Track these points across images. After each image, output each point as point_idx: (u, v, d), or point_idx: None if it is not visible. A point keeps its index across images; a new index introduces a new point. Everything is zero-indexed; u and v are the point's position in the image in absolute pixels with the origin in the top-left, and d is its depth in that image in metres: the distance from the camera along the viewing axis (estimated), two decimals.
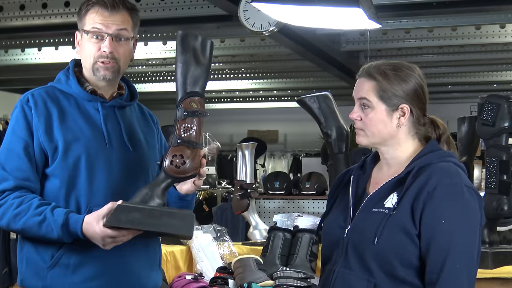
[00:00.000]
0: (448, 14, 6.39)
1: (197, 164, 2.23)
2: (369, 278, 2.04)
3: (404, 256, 2.02)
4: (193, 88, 2.24)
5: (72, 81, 2.36)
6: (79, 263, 2.24)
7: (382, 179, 2.15)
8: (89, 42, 2.33)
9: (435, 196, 2.00)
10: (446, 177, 2.04)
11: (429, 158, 2.09)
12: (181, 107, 2.23)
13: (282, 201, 6.96)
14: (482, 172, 6.37)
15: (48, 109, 2.29)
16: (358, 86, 2.17)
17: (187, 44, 2.25)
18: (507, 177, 3.53)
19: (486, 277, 3.42)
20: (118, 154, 2.31)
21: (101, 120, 2.33)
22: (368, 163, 2.24)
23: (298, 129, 13.65)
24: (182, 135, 2.22)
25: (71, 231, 2.18)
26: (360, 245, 2.07)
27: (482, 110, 3.56)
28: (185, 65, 2.23)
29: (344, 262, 2.10)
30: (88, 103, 2.35)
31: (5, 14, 6.36)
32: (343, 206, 2.20)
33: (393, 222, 2.03)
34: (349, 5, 2.97)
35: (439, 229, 1.99)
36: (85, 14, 2.34)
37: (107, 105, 2.36)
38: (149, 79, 11.11)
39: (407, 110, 2.13)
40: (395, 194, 2.07)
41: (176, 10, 6.05)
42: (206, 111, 2.27)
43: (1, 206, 2.23)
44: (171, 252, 3.73)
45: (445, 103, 13.50)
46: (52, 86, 2.38)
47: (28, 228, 2.20)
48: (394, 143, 2.15)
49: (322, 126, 4.01)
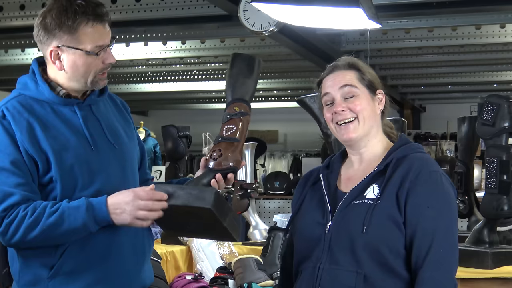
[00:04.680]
0: (448, 14, 6.40)
1: (236, 157, 2.31)
2: (357, 270, 2.04)
3: (393, 244, 2.04)
4: (237, 96, 2.40)
5: (43, 87, 2.25)
6: (80, 270, 2.21)
7: (354, 175, 2.18)
8: (89, 59, 2.22)
9: (418, 184, 2.06)
10: (426, 165, 2.10)
11: (406, 150, 2.15)
12: (225, 112, 2.37)
13: (282, 201, 6.98)
14: (482, 172, 6.38)
15: (27, 121, 2.18)
16: (339, 76, 2.18)
17: (235, 61, 2.47)
18: (507, 177, 3.53)
19: (486, 277, 3.42)
20: (105, 155, 2.27)
21: (82, 123, 2.25)
22: (335, 162, 2.28)
23: (298, 129, 13.66)
24: (223, 135, 2.34)
25: (97, 212, 2.12)
26: (348, 237, 2.07)
27: (482, 110, 3.56)
28: (231, 78, 2.43)
29: (328, 258, 2.10)
30: (63, 107, 2.26)
31: (5, 14, 6.36)
32: (317, 204, 2.20)
33: (379, 211, 2.05)
34: (349, 5, 2.97)
35: (424, 215, 2.04)
36: (76, 30, 2.20)
37: (83, 105, 2.29)
38: (149, 79, 11.11)
39: (383, 95, 2.21)
40: (375, 185, 2.10)
41: (176, 10, 6.06)
42: (247, 112, 2.39)
43: (13, 222, 2.12)
44: (171, 252, 3.73)
45: (445, 103, 13.52)
46: (22, 94, 2.25)
47: (48, 229, 2.11)
48: (375, 133, 2.20)
49: (322, 126, 4.01)
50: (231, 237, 2.29)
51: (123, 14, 6.16)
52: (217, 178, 2.28)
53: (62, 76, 2.27)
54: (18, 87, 2.29)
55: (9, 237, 2.14)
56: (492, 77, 10.66)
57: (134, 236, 2.32)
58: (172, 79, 10.97)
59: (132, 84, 11.79)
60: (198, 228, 2.32)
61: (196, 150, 7.00)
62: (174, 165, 5.37)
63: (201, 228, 2.33)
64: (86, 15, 2.20)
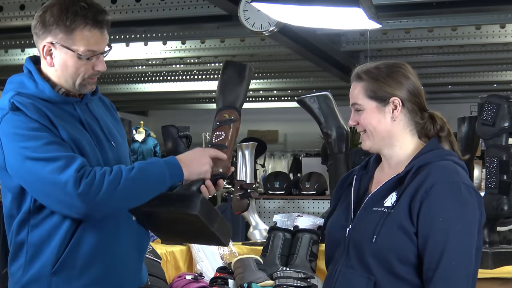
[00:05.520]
0: (448, 14, 6.40)
1: (225, 163, 2.34)
2: (369, 276, 2.05)
3: (402, 254, 2.02)
4: (226, 103, 2.44)
5: (44, 85, 2.23)
6: (83, 267, 2.21)
7: (383, 179, 2.16)
8: (79, 62, 2.21)
9: (432, 194, 2.01)
10: (444, 175, 2.04)
11: (428, 157, 2.09)
12: (215, 119, 2.42)
13: (282, 201, 6.97)
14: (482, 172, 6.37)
15: (41, 110, 2.17)
16: (350, 92, 2.21)
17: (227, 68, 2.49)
18: (507, 177, 3.53)
19: (486, 277, 3.42)
20: (105, 153, 2.29)
21: (83, 121, 2.26)
22: (371, 163, 2.26)
23: (298, 129, 13.67)
24: (213, 141, 2.39)
25: (171, 164, 2.20)
26: (360, 243, 2.08)
27: (482, 110, 3.57)
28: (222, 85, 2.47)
29: (345, 261, 2.12)
30: (64, 105, 2.25)
31: (5, 14, 6.36)
32: (345, 206, 2.22)
33: (391, 220, 2.04)
34: (349, 5, 2.98)
35: (435, 227, 1.99)
36: (73, 31, 2.19)
37: (81, 104, 2.29)
38: (149, 79, 11.11)
39: (399, 102, 2.14)
40: (394, 193, 2.08)
41: (176, 10, 6.06)
42: (237, 118, 2.42)
43: (93, 180, 2.08)
44: (171, 252, 3.73)
45: (445, 103, 13.50)
46: (20, 93, 2.20)
47: (131, 183, 2.12)
48: (393, 141, 2.16)
49: (322, 126, 4.01)
50: (220, 241, 2.34)
51: (123, 14, 6.16)
52: (206, 184, 2.31)
53: (52, 73, 2.26)
54: (12, 86, 2.25)
55: (92, 196, 2.08)
56: (492, 77, 10.66)
57: (135, 234, 2.33)
58: (172, 79, 10.97)
59: (132, 84, 11.79)
60: (190, 233, 2.38)
61: None
62: None
63: (192, 234, 2.39)
64: (86, 19, 2.19)
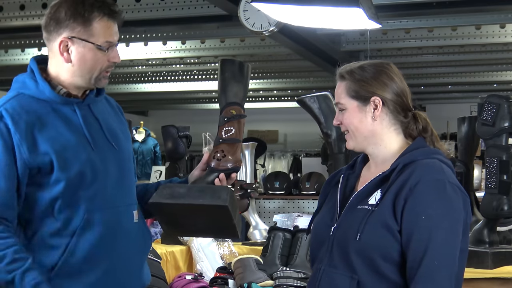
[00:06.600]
0: (448, 14, 6.40)
1: (238, 157, 2.42)
2: (352, 275, 2.04)
3: (386, 252, 2.01)
4: (231, 100, 2.51)
5: (44, 86, 2.24)
6: (83, 270, 2.21)
7: (369, 178, 2.15)
8: (98, 54, 2.24)
9: (416, 192, 2.00)
10: (429, 173, 2.03)
11: (414, 155, 2.09)
12: (222, 115, 2.48)
13: (282, 201, 6.97)
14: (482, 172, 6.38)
15: (26, 122, 2.17)
16: (335, 91, 2.23)
17: (226, 66, 2.56)
18: (507, 177, 3.54)
19: (486, 277, 3.43)
20: (105, 154, 2.27)
21: (82, 123, 2.25)
22: (359, 162, 2.26)
23: (298, 129, 13.66)
24: (223, 136, 2.46)
25: None
26: (344, 242, 2.08)
27: (482, 110, 3.57)
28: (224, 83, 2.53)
29: (329, 260, 2.11)
30: (63, 106, 2.25)
31: (5, 14, 6.36)
32: (331, 205, 2.21)
33: (374, 218, 2.03)
34: (349, 5, 2.97)
35: (419, 225, 1.98)
36: (90, 23, 2.22)
37: (83, 105, 2.29)
38: (149, 79, 11.11)
39: (379, 102, 2.13)
40: (379, 191, 2.08)
41: (176, 10, 6.06)
42: (243, 114, 2.50)
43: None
44: (171, 252, 3.73)
45: (445, 103, 13.52)
46: (21, 93, 2.24)
47: None
48: (377, 140, 2.16)
49: (322, 126, 4.01)
50: (236, 234, 2.38)
51: (123, 14, 6.15)
52: (220, 178, 2.41)
53: (66, 70, 2.26)
54: (15, 86, 2.28)
55: None
56: (492, 77, 10.65)
57: (136, 236, 2.33)
58: (172, 79, 10.97)
59: (132, 84, 11.79)
60: (203, 226, 2.39)
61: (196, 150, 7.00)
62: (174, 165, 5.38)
63: (206, 226, 2.40)
64: (102, 10, 2.24)
